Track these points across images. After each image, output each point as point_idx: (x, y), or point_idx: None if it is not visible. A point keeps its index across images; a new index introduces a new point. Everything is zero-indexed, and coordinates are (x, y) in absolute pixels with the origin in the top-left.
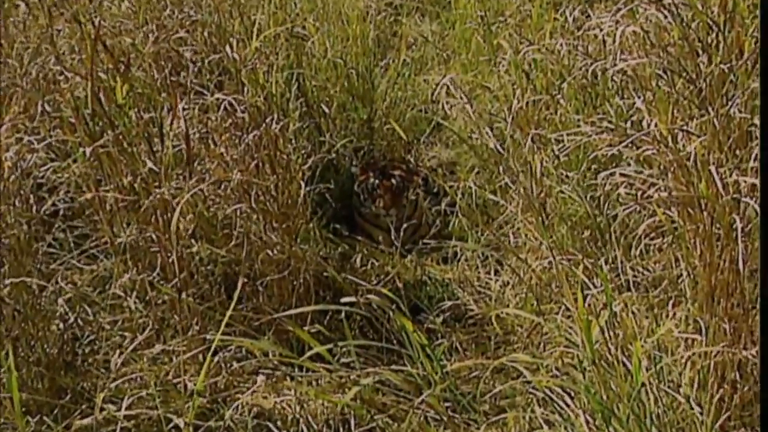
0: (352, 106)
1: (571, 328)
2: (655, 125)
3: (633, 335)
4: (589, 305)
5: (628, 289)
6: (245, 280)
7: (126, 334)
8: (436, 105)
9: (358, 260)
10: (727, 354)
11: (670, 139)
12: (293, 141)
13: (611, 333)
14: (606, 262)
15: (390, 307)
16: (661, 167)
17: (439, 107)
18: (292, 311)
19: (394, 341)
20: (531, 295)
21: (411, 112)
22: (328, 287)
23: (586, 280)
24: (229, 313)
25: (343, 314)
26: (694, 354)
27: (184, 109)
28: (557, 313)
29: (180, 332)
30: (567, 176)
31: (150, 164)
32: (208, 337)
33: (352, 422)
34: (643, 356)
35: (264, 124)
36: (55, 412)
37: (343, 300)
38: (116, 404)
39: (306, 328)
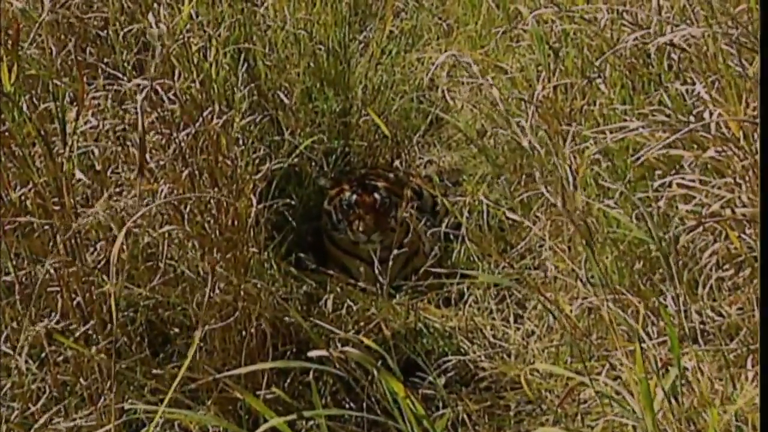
0: (320, 94)
1: (618, 393)
2: (720, 117)
3: (705, 402)
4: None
5: (695, 341)
6: (177, 330)
7: (14, 404)
8: (434, 92)
9: (330, 302)
10: None
11: (741, 136)
12: (241, 141)
13: (676, 399)
14: (664, 304)
15: (374, 363)
16: (734, 174)
17: (438, 95)
18: (241, 370)
19: (379, 411)
20: (564, 348)
21: (400, 102)
22: (290, 339)
23: (637, 328)
24: (180, 377)
25: (310, 374)
26: None
27: (93, 98)
28: (599, 373)
29: (88, 401)
30: (610, 187)
31: (80, 173)
32: (126, 407)
33: None
34: (719, 431)
35: (201, 119)
36: None
37: (311, 354)
38: None
39: (260, 394)
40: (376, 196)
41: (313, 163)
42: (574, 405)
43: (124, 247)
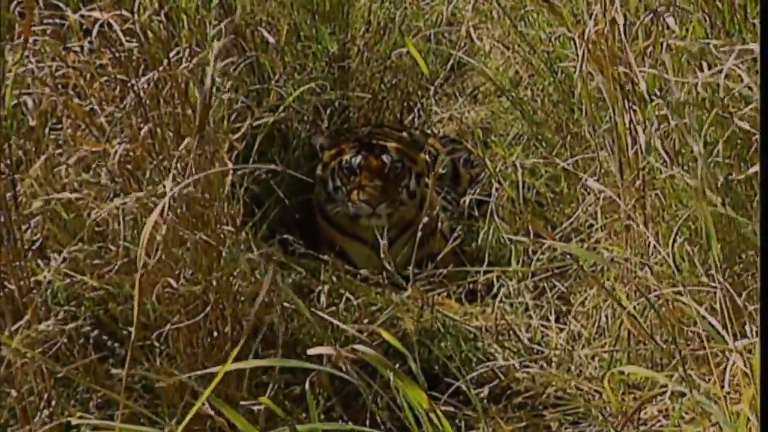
0: (312, 31)
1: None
2: None
3: None
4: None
5: None
6: (131, 329)
7: None
8: (455, 30)
9: (323, 296)
10: None
11: None
12: (214, 90)
13: None
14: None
15: (392, 367)
16: None
17: (462, 34)
18: (224, 367)
19: (389, 427)
20: (620, 355)
21: (413, 41)
22: (272, 341)
23: (715, 325)
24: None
25: (306, 384)
26: None
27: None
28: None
29: (21, 416)
30: (682, 150)
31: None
32: (73, 422)
33: None
34: None
35: (165, 62)
36: None
37: (312, 351)
38: None
39: (243, 404)
40: (385, 158)
41: (304, 120)
42: (631, 427)
43: (65, 224)
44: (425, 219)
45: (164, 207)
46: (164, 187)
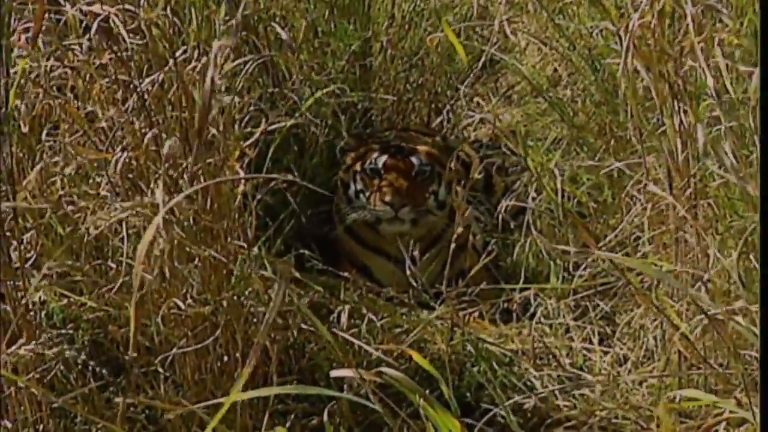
0: (330, 27)
1: None
2: None
3: None
4: None
5: None
6: (134, 354)
7: None
8: (488, 24)
9: (344, 316)
10: None
11: None
12: (224, 92)
13: None
14: None
15: (422, 392)
16: None
17: (495, 29)
18: (245, 395)
19: None
20: (671, 381)
21: (440, 38)
22: (289, 368)
23: None
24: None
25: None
26: None
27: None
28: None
29: None
30: (736, 155)
31: None
32: None
33: None
34: None
35: (171, 61)
36: None
37: (333, 374)
38: None
39: None
40: (414, 160)
41: (322, 124)
42: None
43: (62, 240)
44: (459, 229)
45: (161, 220)
46: (158, 197)
